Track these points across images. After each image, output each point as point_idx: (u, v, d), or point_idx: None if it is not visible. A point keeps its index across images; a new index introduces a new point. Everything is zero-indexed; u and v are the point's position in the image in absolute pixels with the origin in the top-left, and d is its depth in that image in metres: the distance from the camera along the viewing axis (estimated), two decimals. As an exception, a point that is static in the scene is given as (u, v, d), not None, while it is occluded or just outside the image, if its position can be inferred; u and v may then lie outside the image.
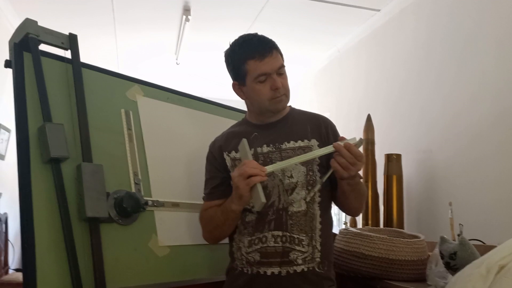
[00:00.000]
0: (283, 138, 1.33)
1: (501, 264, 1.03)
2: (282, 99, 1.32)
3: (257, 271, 1.26)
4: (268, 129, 1.37)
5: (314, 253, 1.26)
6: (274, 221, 1.27)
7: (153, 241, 1.46)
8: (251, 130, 1.39)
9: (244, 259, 1.29)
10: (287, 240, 1.25)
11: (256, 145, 1.34)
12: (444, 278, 1.35)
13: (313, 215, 1.29)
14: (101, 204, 1.30)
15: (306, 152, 1.29)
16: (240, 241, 1.32)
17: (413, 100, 2.60)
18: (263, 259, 1.26)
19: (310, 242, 1.26)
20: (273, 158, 1.31)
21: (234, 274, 1.33)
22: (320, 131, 1.36)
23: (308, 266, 1.25)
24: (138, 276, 1.38)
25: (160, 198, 1.53)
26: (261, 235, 1.27)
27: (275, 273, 1.24)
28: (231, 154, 1.37)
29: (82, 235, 1.28)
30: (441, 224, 2.15)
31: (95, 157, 1.35)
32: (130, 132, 1.51)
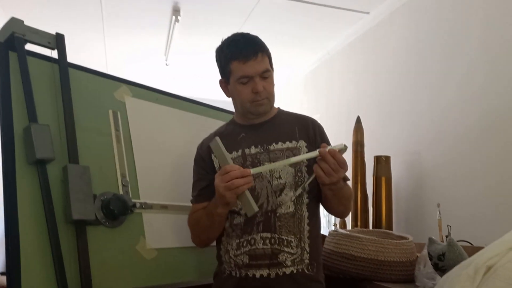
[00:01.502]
0: (271, 139, 1.33)
1: (488, 265, 1.03)
2: (264, 102, 1.31)
3: (246, 274, 1.25)
4: (255, 130, 1.36)
5: (303, 255, 1.26)
6: (262, 223, 1.26)
7: (141, 243, 1.45)
8: (239, 131, 1.38)
9: (233, 262, 1.28)
10: (276, 241, 1.25)
11: (244, 146, 1.34)
12: (432, 279, 1.35)
13: (301, 216, 1.29)
14: (87, 207, 1.28)
15: (294, 153, 1.30)
16: (228, 244, 1.31)
17: (401, 103, 2.61)
18: (252, 262, 1.25)
19: (299, 243, 1.26)
20: (261, 159, 1.31)
21: (222, 277, 1.32)
22: (308, 132, 1.36)
23: (297, 268, 1.24)
24: (125, 279, 1.36)
25: (148, 200, 1.51)
26: (250, 237, 1.26)
27: (264, 276, 1.23)
28: None
29: (68, 238, 1.26)
30: (430, 225, 2.16)
31: (82, 158, 1.33)
32: (118, 133, 1.50)
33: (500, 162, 1.89)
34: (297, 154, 1.30)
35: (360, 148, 2.47)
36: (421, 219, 2.32)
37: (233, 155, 1.33)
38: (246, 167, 1.28)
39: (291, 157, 1.28)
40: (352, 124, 2.51)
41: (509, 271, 0.98)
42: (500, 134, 1.90)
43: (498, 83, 1.93)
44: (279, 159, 1.29)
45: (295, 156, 1.24)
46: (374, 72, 2.96)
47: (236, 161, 1.31)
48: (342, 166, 1.14)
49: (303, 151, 1.31)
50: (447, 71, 2.24)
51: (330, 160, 1.13)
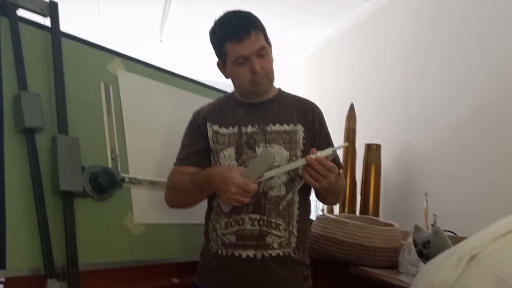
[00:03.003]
0: (269, 120, 1.32)
1: (472, 254, 1.04)
2: (263, 82, 1.29)
3: (232, 253, 1.25)
4: (254, 108, 1.35)
5: (291, 238, 1.27)
6: (252, 204, 1.26)
7: (129, 218, 1.44)
8: (237, 107, 1.37)
9: (220, 240, 1.28)
10: (264, 223, 1.25)
11: (240, 123, 1.32)
12: (415, 266, 1.37)
13: (292, 200, 1.29)
14: (76, 178, 1.27)
15: (291, 136, 1.30)
16: (216, 222, 1.31)
17: (396, 92, 2.61)
18: (239, 242, 1.25)
19: (287, 227, 1.26)
20: (257, 139, 1.30)
21: (208, 255, 1.32)
22: (307, 117, 1.34)
23: (284, 251, 1.25)
24: (111, 252, 1.36)
25: (137, 175, 1.50)
26: (239, 217, 1.26)
27: (250, 256, 1.24)
28: (214, 126, 1.35)
29: (55, 209, 1.25)
30: (416, 215, 2.18)
31: (72, 129, 1.32)
32: (109, 106, 1.48)
33: (489, 155, 1.90)
34: (294, 138, 1.30)
35: (351, 136, 2.47)
36: (408, 208, 2.34)
37: (228, 130, 1.33)
38: (241, 145, 1.30)
39: (287, 140, 1.30)
40: (345, 110, 2.51)
41: (492, 260, 1.00)
42: (492, 128, 1.91)
43: (494, 78, 1.94)
44: (275, 141, 1.29)
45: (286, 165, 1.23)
46: (370, 60, 2.95)
47: (232, 137, 1.31)
48: (331, 171, 1.14)
49: (299, 136, 1.31)
50: (444, 62, 2.24)
51: (318, 168, 1.13)
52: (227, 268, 1.26)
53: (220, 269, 1.27)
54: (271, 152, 1.27)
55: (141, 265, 1.44)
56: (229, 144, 1.31)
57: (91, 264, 1.29)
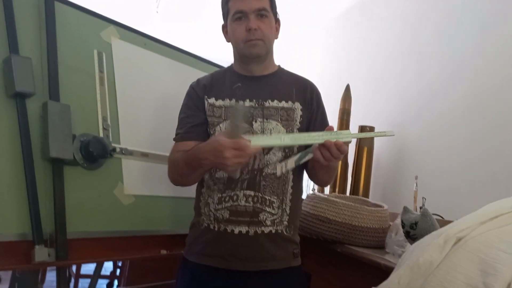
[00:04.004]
0: (267, 95, 1.31)
1: (458, 236, 1.05)
2: (258, 43, 1.27)
3: (225, 228, 1.25)
4: (252, 82, 1.33)
5: (283, 216, 1.28)
6: (247, 180, 1.26)
7: (119, 188, 1.44)
8: (235, 79, 1.35)
9: (212, 215, 1.28)
10: (259, 200, 1.25)
11: (238, 97, 1.31)
12: (402, 246, 1.39)
13: (286, 178, 1.29)
14: (66, 146, 1.26)
15: (288, 114, 1.29)
16: (209, 196, 1.30)
17: (394, 76, 2.60)
18: (232, 217, 1.25)
19: (281, 205, 1.27)
20: (255, 114, 1.29)
21: (199, 229, 1.31)
22: (305, 95, 1.34)
23: (276, 229, 1.26)
24: (100, 221, 1.36)
25: (129, 146, 1.49)
26: (233, 193, 1.26)
27: (243, 232, 1.24)
28: (210, 100, 1.32)
29: (45, 176, 1.24)
30: (405, 197, 2.20)
31: (63, 96, 1.30)
32: (102, 75, 1.45)
33: (481, 144, 1.91)
34: (291, 115, 1.30)
35: (346, 117, 2.47)
36: (398, 191, 2.36)
37: (225, 102, 1.31)
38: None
39: (285, 117, 1.28)
40: (341, 91, 2.50)
41: (477, 243, 1.01)
42: (486, 117, 1.91)
43: (491, 67, 1.93)
44: (273, 117, 1.28)
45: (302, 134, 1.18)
46: (370, 42, 2.92)
47: (228, 110, 1.29)
48: (343, 154, 1.13)
49: (297, 114, 1.30)
50: (442, 49, 2.22)
51: (334, 151, 1.11)
52: (219, 243, 1.26)
53: (211, 244, 1.27)
54: (269, 128, 1.27)
55: (130, 235, 1.44)
56: (226, 117, 1.30)
57: (79, 232, 1.29)
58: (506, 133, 1.79)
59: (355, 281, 1.44)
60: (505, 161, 1.77)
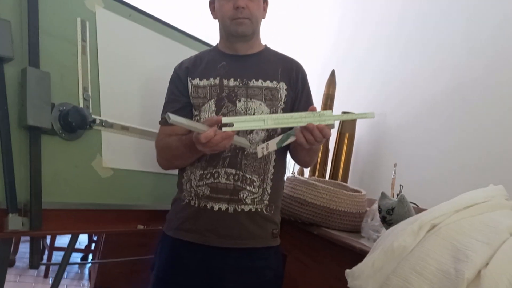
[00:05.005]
0: (252, 75, 1.30)
1: (433, 223, 1.08)
2: (244, 22, 1.27)
3: (205, 205, 1.26)
4: (237, 61, 1.33)
5: (264, 195, 1.28)
6: (229, 158, 1.26)
7: (97, 161, 1.41)
8: (220, 58, 1.34)
9: (193, 191, 1.28)
10: (239, 179, 1.25)
11: (222, 75, 1.30)
12: (377, 231, 1.41)
13: (268, 158, 1.30)
14: (44, 114, 1.23)
15: (273, 94, 1.29)
16: (191, 173, 1.30)
17: (378, 64, 2.61)
18: (212, 194, 1.25)
19: (262, 184, 1.28)
20: (238, 94, 1.28)
21: (180, 204, 1.31)
22: (291, 75, 1.33)
23: (256, 207, 1.27)
24: (77, 193, 1.34)
25: (109, 118, 1.46)
26: (214, 170, 1.26)
27: (222, 209, 1.25)
28: (194, 81, 1.33)
29: (21, 144, 1.21)
30: (383, 184, 2.23)
31: (43, 63, 1.26)
32: (85, 44, 1.41)
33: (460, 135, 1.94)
34: (275, 95, 1.29)
35: (330, 102, 2.47)
36: (376, 178, 2.39)
37: (210, 81, 1.31)
38: (221, 99, 1.28)
39: (269, 96, 1.28)
40: (326, 76, 2.50)
41: (451, 231, 1.03)
42: (467, 108, 1.94)
43: (475, 59, 1.95)
44: (257, 96, 1.28)
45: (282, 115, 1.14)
46: (357, 28, 2.92)
47: (213, 89, 1.29)
48: (326, 137, 1.12)
49: (282, 94, 1.30)
50: (428, 40, 2.23)
51: (317, 134, 1.10)
52: (198, 219, 1.26)
53: (190, 219, 1.27)
54: (253, 107, 1.26)
55: (107, 209, 1.42)
56: (210, 96, 1.30)
57: (55, 203, 1.27)
58: (483, 125, 1.82)
59: (330, 263, 1.46)
60: (481, 152, 1.80)
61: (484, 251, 0.93)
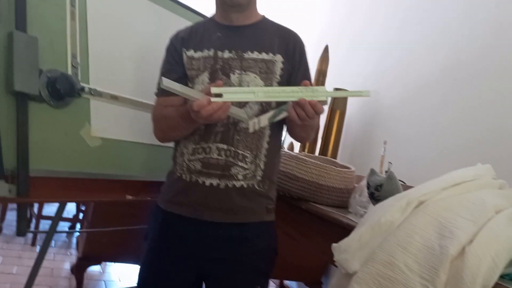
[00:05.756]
0: (247, 46, 1.26)
1: (421, 200, 1.09)
2: None
3: (196, 179, 1.24)
4: (233, 32, 1.28)
5: (256, 171, 1.25)
6: (221, 133, 1.23)
7: (86, 129, 1.40)
8: (215, 29, 1.30)
9: (185, 165, 1.26)
10: (231, 154, 1.22)
11: (217, 47, 1.26)
12: (364, 207, 1.43)
13: (262, 133, 1.26)
14: (32, 80, 1.20)
15: (268, 66, 1.24)
16: (184, 147, 1.28)
17: (373, 41, 2.59)
18: (204, 169, 1.23)
19: (254, 160, 1.25)
20: (233, 66, 1.24)
21: (173, 178, 1.30)
22: (288, 47, 1.29)
23: (248, 183, 1.24)
24: (65, 161, 1.33)
25: (98, 87, 1.44)
26: (206, 145, 1.24)
27: (214, 185, 1.22)
28: (189, 52, 1.29)
29: (8, 110, 1.18)
30: (373, 162, 2.25)
31: (30, 28, 1.22)
32: (73, 9, 1.37)
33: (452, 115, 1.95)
34: (271, 68, 1.25)
35: (322, 78, 2.46)
36: (366, 155, 2.41)
37: (204, 53, 1.27)
38: (215, 71, 1.24)
39: (264, 69, 1.23)
40: (319, 52, 2.48)
41: (437, 207, 1.05)
42: (460, 89, 1.94)
43: (470, 39, 1.94)
44: (251, 69, 1.23)
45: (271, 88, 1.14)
46: (352, 4, 2.88)
47: (207, 61, 1.25)
48: (319, 113, 1.09)
49: (277, 66, 1.25)
50: (424, 18, 2.22)
51: (308, 110, 1.06)
52: (190, 193, 1.24)
53: (181, 193, 1.26)
54: (247, 80, 1.22)
55: (95, 178, 1.41)
56: (204, 68, 1.26)
57: (42, 170, 1.25)
58: (473, 105, 1.83)
59: (318, 238, 1.48)
60: (471, 131, 1.82)
61: (469, 228, 0.94)
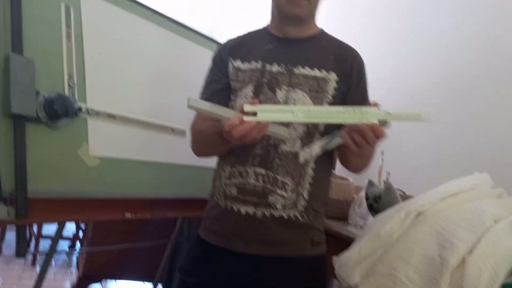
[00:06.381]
0: (298, 60, 1.14)
1: (419, 211, 1.09)
2: (302, 4, 1.12)
3: (231, 206, 1.13)
4: (285, 44, 1.18)
5: (298, 201, 1.12)
6: (260, 157, 1.11)
7: (84, 149, 1.40)
8: (266, 40, 1.20)
9: (222, 190, 1.17)
10: (269, 180, 1.10)
11: (266, 59, 1.16)
12: (364, 218, 1.43)
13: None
14: (29, 102, 1.20)
15: (319, 84, 1.12)
16: (222, 169, 1.19)
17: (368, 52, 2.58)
18: (239, 196, 1.12)
19: (296, 188, 1.11)
20: (280, 80, 1.13)
21: (211, 203, 1.22)
22: (344, 65, 1.17)
23: (289, 213, 1.11)
24: (63, 181, 1.32)
25: (95, 106, 1.44)
26: (243, 169, 1.13)
27: (250, 213, 1.11)
28: (235, 63, 1.20)
29: (5, 132, 1.19)
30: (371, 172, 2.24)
31: (27, 49, 1.23)
32: (69, 30, 1.38)
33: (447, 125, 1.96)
34: (323, 87, 1.12)
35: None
36: (363, 166, 2.41)
37: (251, 65, 1.18)
38: (261, 85, 1.14)
39: (315, 87, 1.12)
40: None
41: (436, 218, 1.05)
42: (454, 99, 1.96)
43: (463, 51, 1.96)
44: (300, 86, 1.11)
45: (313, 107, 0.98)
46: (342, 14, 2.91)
47: (253, 74, 1.16)
48: (380, 139, 0.96)
49: (330, 85, 1.13)
50: (418, 27, 2.24)
51: (369, 135, 0.93)
52: (225, 221, 1.15)
53: (217, 220, 1.17)
54: (294, 98, 1.11)
55: (93, 197, 1.41)
56: (249, 81, 1.16)
57: (41, 191, 1.25)
58: (469, 114, 1.84)
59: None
60: (467, 141, 1.83)
61: (468, 238, 0.95)
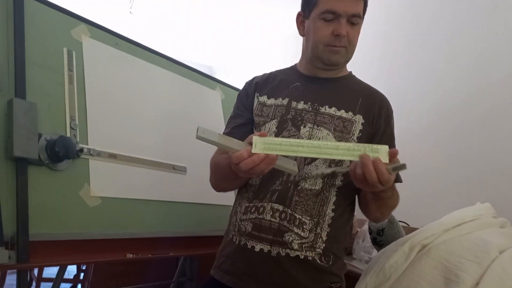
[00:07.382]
0: (325, 100, 1.14)
1: (423, 244, 1.08)
2: (340, 51, 1.11)
3: (245, 243, 1.11)
4: (313, 83, 1.18)
5: (316, 242, 1.08)
6: (278, 192, 1.09)
7: (85, 190, 1.40)
8: (295, 78, 1.20)
9: (237, 226, 1.15)
10: (286, 218, 1.07)
11: (292, 97, 1.16)
12: (368, 253, 1.41)
13: (326, 199, 1.10)
14: (31, 145, 1.22)
15: (345, 125, 1.11)
16: (238, 204, 1.18)
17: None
18: (254, 232, 1.09)
19: (314, 228, 1.08)
20: (306, 118, 1.12)
21: (226, 240, 1.20)
22: (372, 108, 1.15)
23: (306, 255, 1.07)
24: (64, 223, 1.32)
25: (96, 147, 1.46)
26: (260, 204, 1.11)
27: (264, 251, 1.07)
28: (261, 98, 1.21)
29: (7, 175, 1.19)
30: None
31: (30, 94, 1.26)
32: (71, 73, 1.42)
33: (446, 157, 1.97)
34: (348, 128, 1.11)
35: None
36: (366, 198, 2.40)
37: (277, 101, 1.18)
38: (285, 121, 1.14)
39: (340, 127, 1.10)
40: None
41: (441, 251, 1.04)
42: (448, 124, 1.98)
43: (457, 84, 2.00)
44: (325, 125, 1.11)
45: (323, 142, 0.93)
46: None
47: (278, 109, 1.16)
48: (383, 183, 0.90)
49: (356, 127, 1.12)
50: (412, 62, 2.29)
51: (369, 172, 0.88)
52: (236, 259, 1.12)
53: (230, 259, 1.14)
54: (318, 136, 1.09)
55: (95, 238, 1.40)
56: (274, 116, 1.16)
57: (42, 234, 1.24)
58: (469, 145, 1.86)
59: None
60: (467, 170, 1.83)
61: (474, 270, 0.94)
